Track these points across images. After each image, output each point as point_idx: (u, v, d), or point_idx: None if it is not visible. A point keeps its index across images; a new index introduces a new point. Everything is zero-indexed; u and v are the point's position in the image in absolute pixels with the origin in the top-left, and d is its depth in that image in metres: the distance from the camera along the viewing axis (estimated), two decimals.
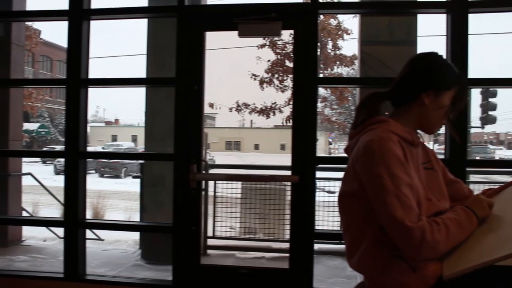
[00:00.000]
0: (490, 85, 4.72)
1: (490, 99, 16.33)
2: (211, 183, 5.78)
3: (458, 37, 3.41)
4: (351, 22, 16.46)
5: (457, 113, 1.81)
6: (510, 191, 1.86)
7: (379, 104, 1.84)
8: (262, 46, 14.40)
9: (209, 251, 5.58)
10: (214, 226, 5.84)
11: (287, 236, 3.82)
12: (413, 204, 1.56)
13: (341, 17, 14.67)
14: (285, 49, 14.46)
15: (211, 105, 14.65)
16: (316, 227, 5.40)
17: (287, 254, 3.75)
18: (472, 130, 22.58)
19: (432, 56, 1.80)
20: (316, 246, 4.98)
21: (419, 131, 1.85)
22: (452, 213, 1.63)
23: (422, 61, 1.79)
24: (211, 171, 6.03)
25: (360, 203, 1.68)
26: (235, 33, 3.67)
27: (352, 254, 1.74)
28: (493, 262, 1.43)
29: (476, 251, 1.53)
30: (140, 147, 25.59)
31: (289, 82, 14.19)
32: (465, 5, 3.42)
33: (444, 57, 1.82)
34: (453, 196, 1.86)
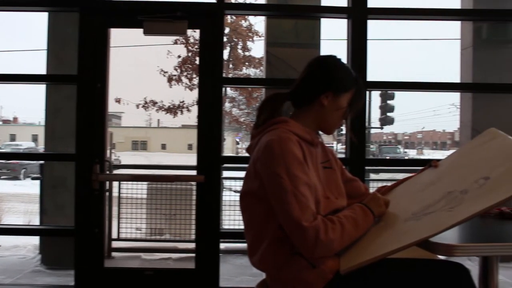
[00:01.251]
0: (388, 88, 4.96)
1: (389, 101, 17.30)
2: (115, 183, 5.64)
3: (358, 41, 3.57)
4: (262, 24, 16.74)
5: (354, 114, 1.89)
6: (402, 188, 1.99)
7: (280, 104, 1.88)
8: (176, 42, 14.22)
9: (113, 254, 5.43)
10: (118, 228, 5.69)
11: (194, 236, 3.81)
12: (310, 203, 1.60)
13: (252, 19, 14.84)
14: (196, 46, 14.39)
15: (118, 101, 14.33)
16: (223, 226, 5.43)
17: (194, 254, 3.74)
18: (372, 131, 23.75)
19: (330, 59, 1.87)
20: (223, 246, 5.01)
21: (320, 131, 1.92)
22: (349, 211, 1.70)
23: (321, 64, 1.85)
24: (116, 171, 5.87)
25: (260, 202, 1.71)
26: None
27: (254, 253, 1.77)
28: (385, 256, 1.51)
29: (371, 246, 1.61)
30: (41, 147, 24.43)
31: (198, 81, 14.05)
32: (365, 11, 3.59)
33: (343, 60, 1.89)
34: (350, 193, 1.95)
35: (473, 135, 4.90)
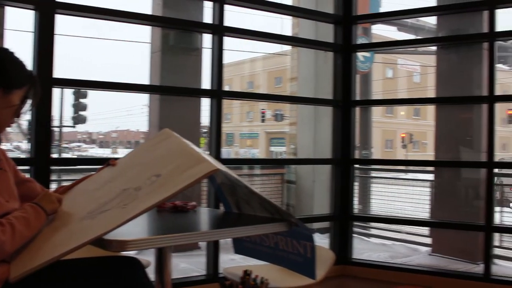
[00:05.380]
0: (77, 86, 4.90)
1: (81, 100, 17.16)
2: None
3: (44, 36, 3.40)
4: None
5: (27, 111, 1.80)
6: (80, 187, 1.99)
7: None
8: None
9: None
10: None
11: None
12: None
13: None
14: None
15: None
16: None
17: None
18: (65, 129, 23.07)
19: (1, 53, 1.76)
20: None
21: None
22: (19, 212, 1.61)
23: None
24: None
25: None
26: None
27: None
28: (59, 257, 1.47)
29: (44, 249, 1.55)
30: None
31: None
32: (53, 5, 3.45)
33: (16, 54, 1.78)
34: (26, 195, 1.85)
35: None
